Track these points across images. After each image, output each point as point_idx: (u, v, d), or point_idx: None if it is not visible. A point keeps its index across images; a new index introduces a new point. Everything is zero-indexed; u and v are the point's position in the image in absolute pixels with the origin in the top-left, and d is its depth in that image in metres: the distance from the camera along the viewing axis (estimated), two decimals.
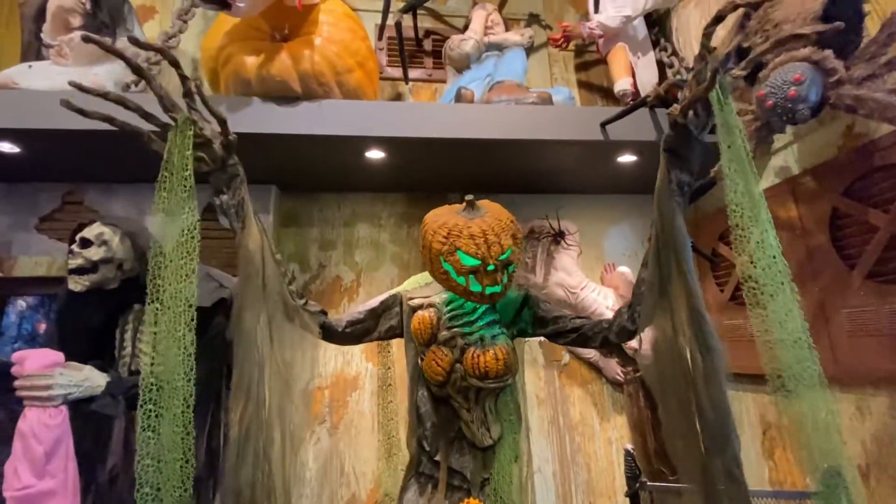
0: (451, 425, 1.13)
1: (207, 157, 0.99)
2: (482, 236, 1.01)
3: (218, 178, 1.01)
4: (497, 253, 1.01)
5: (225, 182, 1.02)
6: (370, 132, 1.46)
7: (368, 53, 1.60)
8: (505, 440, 1.16)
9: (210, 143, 0.99)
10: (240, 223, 1.03)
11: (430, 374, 1.10)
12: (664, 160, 0.94)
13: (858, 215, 1.30)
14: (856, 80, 1.08)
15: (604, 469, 1.81)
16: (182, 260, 0.92)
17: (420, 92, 2.13)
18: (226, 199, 1.02)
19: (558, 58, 2.24)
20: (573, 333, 1.13)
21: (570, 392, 1.88)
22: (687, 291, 0.87)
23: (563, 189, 1.99)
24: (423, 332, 1.12)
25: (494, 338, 1.10)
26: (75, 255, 1.22)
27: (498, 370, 1.05)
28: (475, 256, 1.01)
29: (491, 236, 1.01)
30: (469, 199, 1.07)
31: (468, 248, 1.01)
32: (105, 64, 1.61)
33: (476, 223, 1.03)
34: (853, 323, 1.32)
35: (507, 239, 1.03)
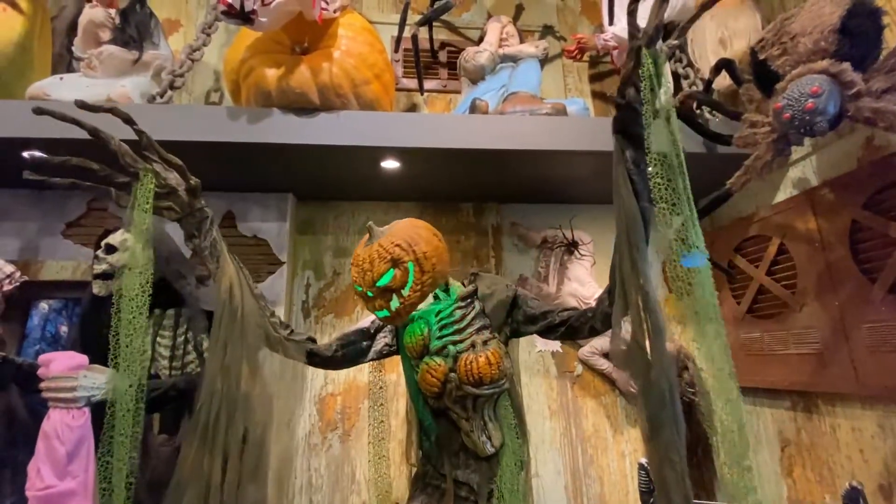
0: (453, 438, 1.13)
1: (175, 204, 1.05)
2: (360, 265, 1.09)
3: (188, 224, 1.07)
4: (370, 280, 1.07)
5: (195, 226, 1.08)
6: (386, 142, 1.49)
7: (385, 66, 1.63)
8: (508, 448, 1.16)
9: (175, 190, 1.05)
10: (214, 263, 1.08)
11: (426, 387, 1.10)
12: (617, 143, 0.96)
13: (879, 228, 1.28)
14: (875, 93, 1.07)
15: (616, 482, 1.78)
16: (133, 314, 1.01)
17: (435, 103, 2.16)
18: (198, 242, 1.08)
19: (572, 69, 2.25)
20: (561, 327, 1.14)
21: (583, 404, 1.86)
22: (633, 269, 0.89)
23: (576, 199, 1.99)
24: (414, 346, 1.13)
25: (486, 343, 1.10)
26: (100, 260, 1.26)
27: (492, 375, 1.05)
28: (358, 283, 1.09)
29: (365, 265, 1.08)
30: (368, 225, 1.13)
31: (354, 277, 1.10)
32: (132, 76, 1.67)
33: (363, 252, 1.10)
34: (874, 338, 1.29)
35: (381, 265, 1.06)
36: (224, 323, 1.02)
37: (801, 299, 1.51)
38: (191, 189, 1.06)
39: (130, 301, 1.00)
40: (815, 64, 1.12)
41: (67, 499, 1.01)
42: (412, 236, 1.09)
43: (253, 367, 1.05)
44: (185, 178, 1.05)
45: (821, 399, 1.51)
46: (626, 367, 1.01)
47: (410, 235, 1.09)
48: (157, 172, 1.03)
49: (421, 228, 1.13)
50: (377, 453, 1.44)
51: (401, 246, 1.07)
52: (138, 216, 0.99)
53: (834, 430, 1.46)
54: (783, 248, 1.60)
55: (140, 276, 1.00)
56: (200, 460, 0.95)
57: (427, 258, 1.07)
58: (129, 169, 1.03)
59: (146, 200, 1.00)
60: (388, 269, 1.06)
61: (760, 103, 1.29)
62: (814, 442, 1.53)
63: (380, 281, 1.06)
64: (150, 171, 1.02)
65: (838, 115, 1.08)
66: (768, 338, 1.66)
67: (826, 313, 1.43)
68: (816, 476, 1.52)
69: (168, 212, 1.05)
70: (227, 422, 0.98)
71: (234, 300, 1.04)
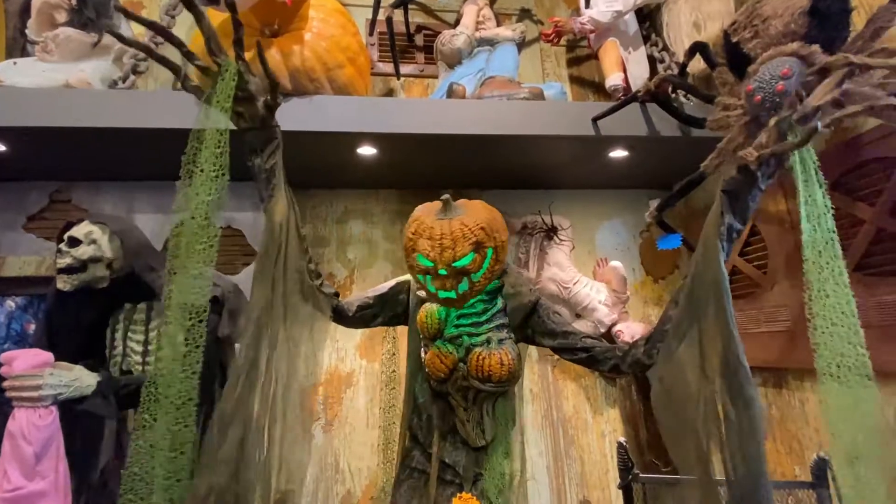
0: (447, 420, 1.13)
1: (248, 113, 0.95)
2: (439, 240, 1.00)
3: (254, 138, 0.98)
4: (448, 259, 1.00)
5: (261, 143, 0.99)
6: (361, 128, 1.46)
7: (359, 49, 1.59)
8: (498, 441, 1.16)
9: (254, 99, 0.95)
10: (268, 191, 0.99)
11: (433, 370, 1.09)
12: (721, 202, 0.91)
13: (846, 208, 1.31)
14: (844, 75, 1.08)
15: (597, 461, 1.82)
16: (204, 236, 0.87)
17: (411, 87, 2.12)
18: (258, 161, 0.99)
19: (550, 53, 2.24)
20: (583, 353, 1.10)
21: (564, 386, 1.89)
22: (723, 337, 0.83)
23: (555, 184, 2.00)
24: (429, 327, 1.11)
25: (501, 342, 1.09)
26: (63, 254, 1.21)
27: (501, 375, 1.04)
28: (428, 258, 1.01)
29: (447, 241, 1.00)
30: (445, 198, 1.04)
31: (423, 250, 1.01)
32: (92, 60, 1.59)
33: (441, 225, 1.02)
34: None
35: (463, 246, 1.00)
36: (269, 258, 0.94)
37: (772, 279, 1.56)
38: (270, 105, 0.97)
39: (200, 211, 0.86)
40: (786, 46, 1.13)
41: (38, 499, 0.98)
42: (494, 222, 1.05)
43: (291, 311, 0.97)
44: (274, 95, 0.95)
45: (790, 375, 1.56)
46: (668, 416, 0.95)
47: (492, 220, 1.05)
48: (241, 72, 0.92)
49: (497, 214, 1.09)
50: (386, 438, 1.43)
51: (485, 230, 1.02)
52: (214, 112, 0.87)
53: (802, 404, 1.52)
54: (755, 229, 1.63)
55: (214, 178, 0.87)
56: (245, 397, 0.88)
57: (504, 248, 1.05)
58: (212, 58, 0.92)
59: (227, 95, 0.87)
60: (470, 251, 1.00)
61: (733, 86, 1.30)
62: (784, 416, 1.59)
63: (460, 262, 0.99)
64: (234, 67, 0.90)
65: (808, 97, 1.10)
66: (741, 317, 1.70)
67: (795, 292, 1.47)
68: (786, 448, 1.58)
69: (238, 118, 0.95)
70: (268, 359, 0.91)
71: (281, 236, 0.96)
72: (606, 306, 1.75)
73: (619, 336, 1.72)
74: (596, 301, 1.75)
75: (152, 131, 1.40)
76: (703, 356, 0.87)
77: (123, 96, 1.46)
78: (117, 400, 1.10)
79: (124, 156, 1.60)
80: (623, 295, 1.79)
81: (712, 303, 0.86)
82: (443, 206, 1.04)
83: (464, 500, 1.11)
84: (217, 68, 0.91)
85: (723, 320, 0.84)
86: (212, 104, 0.88)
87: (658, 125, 1.61)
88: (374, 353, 1.81)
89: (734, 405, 0.81)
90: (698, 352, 0.88)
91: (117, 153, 1.58)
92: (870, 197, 1.26)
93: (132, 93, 1.52)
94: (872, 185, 1.25)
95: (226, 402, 0.88)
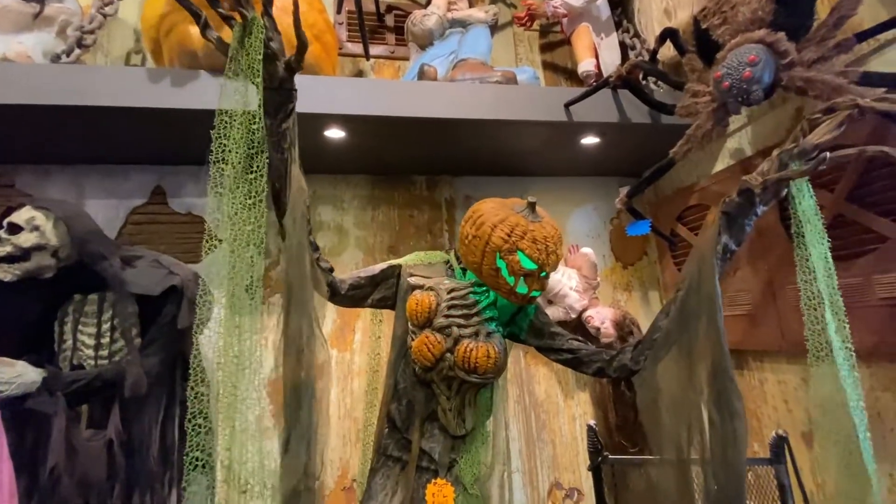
0: (427, 407, 1.12)
1: (267, 72, 0.91)
2: (544, 242, 1.02)
3: (271, 98, 0.94)
4: (554, 262, 1.04)
5: (277, 105, 0.95)
6: (328, 109, 1.40)
7: (326, 26, 1.52)
8: (477, 431, 1.18)
9: (275, 58, 0.91)
10: (279, 153, 0.95)
11: (419, 358, 1.08)
12: (720, 222, 0.94)
13: None
14: (806, 63, 1.10)
15: (568, 444, 1.86)
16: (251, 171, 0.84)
17: (382, 70, 2.06)
18: (273, 123, 0.95)
19: (523, 38, 2.21)
20: (568, 354, 1.14)
21: (536, 371, 1.91)
22: (715, 351, 0.87)
23: (528, 171, 1.99)
24: (419, 315, 1.10)
25: (490, 335, 1.09)
26: (4, 241, 1.12)
27: (487, 368, 1.05)
28: (535, 261, 1.01)
29: (551, 244, 1.03)
30: (532, 200, 1.06)
31: (531, 252, 1.01)
32: (33, 32, 1.47)
33: (538, 228, 1.03)
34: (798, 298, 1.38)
35: (561, 250, 1.06)
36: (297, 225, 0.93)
37: (735, 264, 1.60)
38: (290, 67, 0.93)
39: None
40: (753, 33, 1.14)
41: None
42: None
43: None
44: (299, 58, 0.91)
45: (750, 356, 1.62)
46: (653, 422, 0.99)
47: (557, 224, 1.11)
48: (266, 27, 0.87)
49: None
50: (367, 420, 1.43)
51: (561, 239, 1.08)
52: (247, 63, 0.84)
53: (762, 383, 1.58)
54: None
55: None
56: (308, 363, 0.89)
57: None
58: (238, 9, 0.87)
59: (257, 50, 0.84)
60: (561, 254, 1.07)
61: (702, 73, 1.31)
62: (744, 395, 1.64)
63: (557, 263, 1.06)
64: (262, 22, 0.86)
65: (772, 84, 1.12)
66: None
67: (757, 276, 1.52)
68: None
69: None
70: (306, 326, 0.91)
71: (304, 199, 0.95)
72: (577, 292, 1.77)
73: (590, 321, 1.74)
74: (567, 287, 1.77)
75: (102, 110, 1.30)
76: (691, 366, 0.90)
77: (68, 71, 1.35)
78: (67, 396, 1.04)
79: (72, 137, 1.49)
80: (593, 281, 1.81)
81: (705, 317, 0.89)
82: (529, 207, 1.06)
83: (438, 485, 1.11)
84: (242, 20, 0.86)
85: (715, 334, 0.88)
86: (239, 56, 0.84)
87: (629, 112, 1.62)
88: (345, 342, 1.78)
89: (720, 414, 0.84)
90: (687, 362, 0.91)
91: (64, 134, 1.47)
92: (829, 184, 1.30)
93: (78, 68, 1.41)
94: (831, 172, 1.29)
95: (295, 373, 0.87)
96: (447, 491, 1.11)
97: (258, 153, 0.87)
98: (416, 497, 1.09)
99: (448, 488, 1.11)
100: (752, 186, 0.90)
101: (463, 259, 1.12)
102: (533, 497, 1.78)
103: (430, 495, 1.09)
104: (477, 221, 1.06)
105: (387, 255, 1.87)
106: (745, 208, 0.93)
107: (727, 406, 0.84)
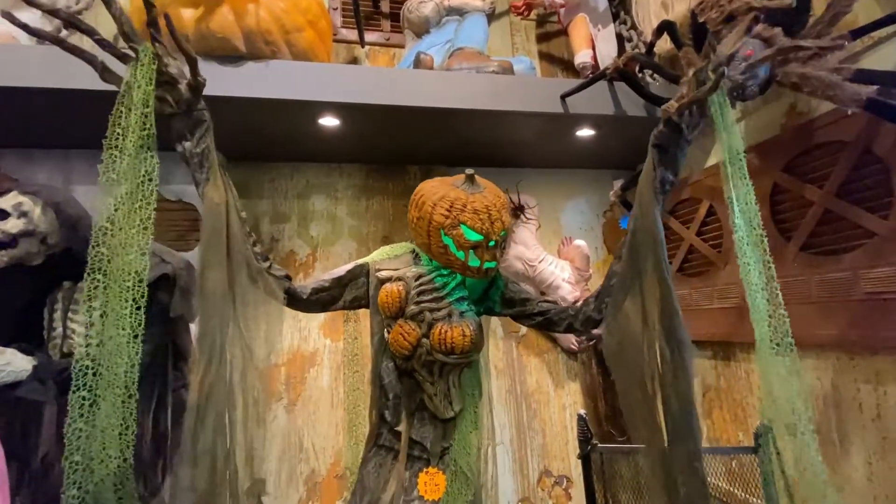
0: (414, 397, 1.13)
1: (171, 98, 0.90)
2: (486, 212, 1.02)
3: (181, 123, 0.93)
4: (499, 229, 1.03)
5: (189, 128, 0.94)
6: (323, 97, 1.38)
7: (320, 12, 1.49)
8: (466, 412, 1.18)
9: (175, 82, 0.90)
10: (203, 174, 0.95)
11: (396, 348, 1.09)
12: (652, 156, 0.94)
13: (796, 190, 1.37)
14: (801, 59, 1.11)
15: (558, 433, 1.89)
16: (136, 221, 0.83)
17: (377, 57, 2.03)
18: (189, 146, 0.93)
19: (520, 27, 2.19)
20: (539, 317, 1.16)
21: (528, 362, 1.93)
22: (661, 286, 0.89)
23: (522, 163, 1.99)
24: (390, 306, 1.10)
25: (463, 314, 1.09)
26: None
27: (464, 346, 1.05)
28: (479, 231, 1.01)
29: (494, 212, 1.02)
30: (470, 172, 1.06)
31: (473, 223, 1.01)
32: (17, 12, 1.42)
33: (478, 198, 1.03)
34: (786, 292, 1.40)
35: (506, 215, 1.05)
36: (213, 243, 0.91)
37: (726, 258, 1.62)
38: (194, 87, 0.91)
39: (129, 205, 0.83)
40: None
41: None
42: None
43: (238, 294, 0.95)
44: (195, 72, 0.90)
45: (738, 348, 1.65)
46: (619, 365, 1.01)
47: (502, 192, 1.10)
48: (160, 55, 0.87)
49: None
50: (352, 421, 1.43)
51: (505, 205, 1.07)
52: (139, 98, 0.83)
53: (748, 374, 1.62)
54: (712, 209, 1.69)
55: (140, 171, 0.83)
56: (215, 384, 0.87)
57: None
58: (128, 44, 0.86)
59: (147, 83, 0.83)
60: (508, 221, 1.06)
61: None
62: (730, 386, 1.69)
63: (503, 231, 1.04)
64: (151, 50, 0.85)
65: (768, 79, 1.13)
66: (696, 294, 1.77)
67: None
68: (731, 416, 1.69)
69: (161, 103, 0.90)
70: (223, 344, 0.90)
71: (221, 219, 0.93)
72: (570, 284, 1.78)
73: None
74: (560, 279, 1.78)
75: (89, 93, 1.27)
76: (644, 306, 0.92)
77: (55, 53, 1.31)
78: (57, 385, 1.03)
79: (59, 120, 1.46)
80: (586, 273, 1.82)
81: (651, 254, 0.91)
82: (468, 179, 1.06)
83: (430, 474, 1.12)
84: (135, 54, 0.85)
85: (660, 270, 0.89)
86: (132, 94, 0.83)
87: (625, 104, 1.62)
88: (337, 332, 1.78)
89: (669, 347, 0.88)
90: (641, 302, 0.93)
91: (51, 117, 1.44)
92: (819, 179, 1.32)
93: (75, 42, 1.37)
94: (822, 168, 1.31)
95: (198, 392, 0.85)
96: (439, 479, 1.12)
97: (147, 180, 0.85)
98: (408, 486, 1.11)
99: (440, 476, 1.13)
100: (670, 114, 0.90)
101: (415, 243, 1.13)
102: (523, 484, 1.81)
103: (422, 484, 1.11)
104: (419, 202, 1.06)
105: (380, 244, 1.87)
106: (673, 137, 0.92)
107: (675, 337, 0.87)
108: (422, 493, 1.10)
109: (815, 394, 1.36)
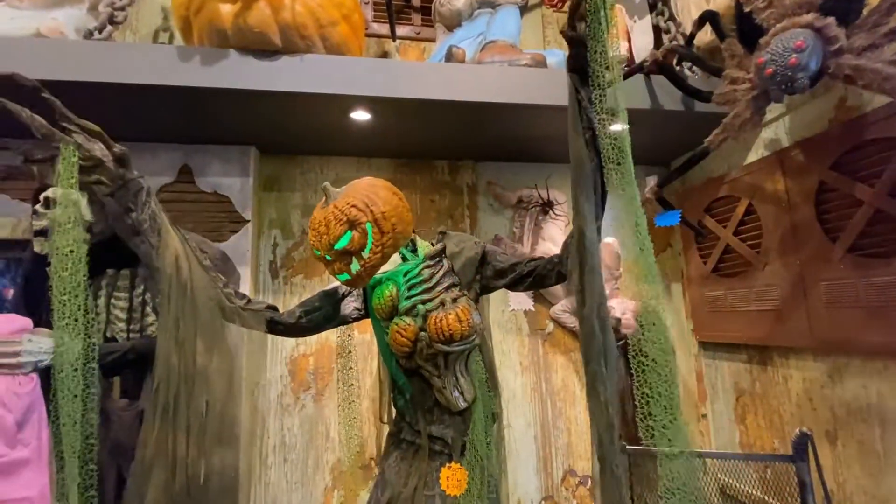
0: (427, 395, 1.14)
1: (104, 177, 0.97)
2: (316, 228, 1.04)
3: (122, 197, 0.99)
4: (327, 243, 1.02)
5: (130, 199, 1.00)
6: (355, 91, 1.39)
7: (354, 6, 1.50)
8: (479, 401, 1.18)
9: (102, 162, 0.96)
10: (156, 237, 1.00)
11: (397, 347, 1.09)
12: (572, 83, 0.96)
13: (845, 189, 1.31)
14: (856, 50, 1.05)
15: (583, 433, 1.86)
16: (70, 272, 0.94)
17: (408, 51, 2.03)
18: (136, 216, 1.00)
19: (552, 20, 2.15)
20: (529, 277, 1.15)
21: (554, 360, 1.91)
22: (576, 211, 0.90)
23: (551, 158, 1.96)
24: (383, 307, 1.11)
25: (455, 300, 1.09)
26: (39, 215, 1.15)
27: (462, 331, 1.05)
28: (316, 247, 1.04)
29: (321, 227, 1.03)
30: (323, 186, 1.07)
31: (313, 241, 1.05)
32: (65, 8, 1.48)
33: (318, 214, 1.05)
34: (830, 294, 1.35)
35: (337, 227, 1.01)
36: (173, 298, 0.97)
37: (765, 258, 1.56)
38: (119, 158, 0.96)
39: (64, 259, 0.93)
40: (800, 17, 1.09)
41: (20, 467, 0.96)
42: (369, 196, 1.04)
43: (208, 341, 1.01)
44: (109, 146, 0.95)
45: (775, 352, 1.59)
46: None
47: (367, 195, 1.04)
48: (80, 144, 0.92)
49: (379, 188, 1.08)
50: (347, 416, 1.45)
51: (357, 206, 1.02)
52: (64, 194, 0.89)
53: (786, 380, 1.56)
54: (751, 208, 1.63)
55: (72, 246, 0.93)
56: (164, 438, 0.93)
57: (386, 218, 1.02)
58: (49, 143, 0.93)
59: (71, 175, 0.91)
60: (345, 232, 1.01)
61: (742, 59, 1.26)
62: (766, 391, 1.63)
63: (337, 244, 1.02)
64: (72, 143, 0.91)
65: (819, 71, 1.07)
66: (731, 295, 1.72)
67: (787, 271, 1.48)
68: (767, 423, 1.63)
69: (98, 186, 0.97)
70: (187, 398, 0.95)
71: (181, 274, 0.98)
72: None
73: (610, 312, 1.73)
74: None
75: (131, 87, 1.31)
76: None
77: (100, 48, 1.36)
78: (101, 368, 1.07)
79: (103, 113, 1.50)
80: (616, 272, 1.78)
81: (573, 175, 0.93)
82: (324, 195, 1.07)
83: (453, 469, 1.13)
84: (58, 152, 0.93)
85: (577, 190, 0.92)
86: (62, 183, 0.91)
87: (661, 98, 1.57)
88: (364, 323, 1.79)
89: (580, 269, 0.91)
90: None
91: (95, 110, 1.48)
92: (870, 178, 1.25)
93: (110, 45, 1.42)
94: (873, 166, 1.24)
95: (144, 447, 0.92)
96: (461, 475, 1.12)
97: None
98: (429, 480, 1.11)
99: (462, 472, 1.13)
100: (568, 34, 0.94)
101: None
102: (547, 483, 1.80)
103: (444, 479, 1.11)
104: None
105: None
106: (581, 54, 0.94)
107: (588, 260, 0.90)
108: (444, 488, 1.10)
109: (860, 402, 1.30)
